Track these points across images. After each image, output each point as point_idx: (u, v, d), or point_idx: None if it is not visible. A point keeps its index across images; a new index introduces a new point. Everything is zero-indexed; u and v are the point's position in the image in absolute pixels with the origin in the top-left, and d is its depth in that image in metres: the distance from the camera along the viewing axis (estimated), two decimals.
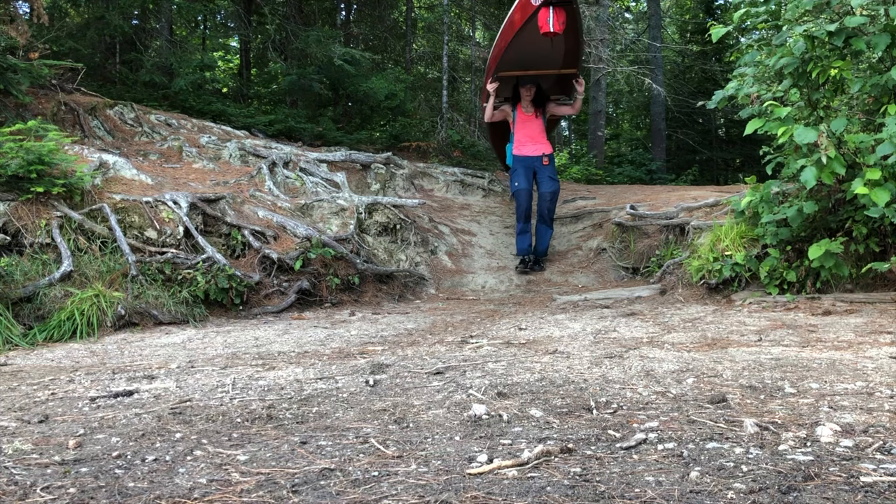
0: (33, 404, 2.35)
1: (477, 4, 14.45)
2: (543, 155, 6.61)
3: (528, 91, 6.67)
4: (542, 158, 6.60)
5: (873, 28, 4.05)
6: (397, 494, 1.46)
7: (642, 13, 21.93)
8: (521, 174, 6.60)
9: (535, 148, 6.64)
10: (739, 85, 4.68)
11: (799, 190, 4.41)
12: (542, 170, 6.60)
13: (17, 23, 6.47)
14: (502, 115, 6.90)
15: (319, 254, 5.36)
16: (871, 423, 1.86)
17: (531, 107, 6.73)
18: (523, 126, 6.73)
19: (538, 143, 6.65)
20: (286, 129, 9.97)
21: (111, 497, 1.47)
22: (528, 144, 6.66)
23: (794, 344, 3.10)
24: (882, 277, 4.26)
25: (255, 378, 2.67)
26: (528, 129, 6.71)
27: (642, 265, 6.47)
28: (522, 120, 6.73)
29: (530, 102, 6.71)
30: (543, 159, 6.60)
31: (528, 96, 6.69)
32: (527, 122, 6.74)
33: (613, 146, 20.83)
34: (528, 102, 6.71)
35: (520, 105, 6.76)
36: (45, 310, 4.02)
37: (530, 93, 6.68)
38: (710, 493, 1.42)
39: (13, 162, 4.47)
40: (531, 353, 3.05)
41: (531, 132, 6.70)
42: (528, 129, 6.71)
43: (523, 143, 6.67)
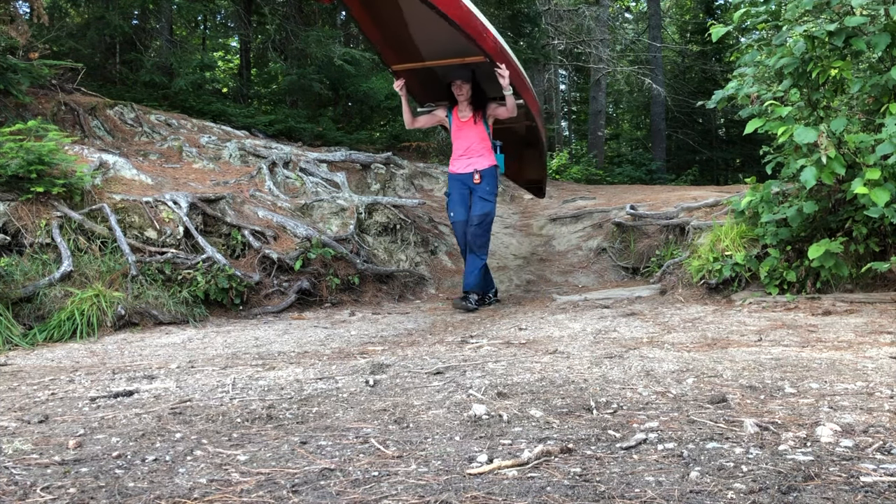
0: (33, 404, 2.35)
1: (477, 4, 14.44)
2: (475, 172, 5.33)
3: (460, 89, 5.36)
4: (474, 176, 5.33)
5: (873, 28, 4.05)
6: (397, 494, 1.46)
7: (642, 13, 21.93)
8: (455, 199, 5.41)
9: (468, 163, 5.38)
10: (739, 85, 4.68)
11: (799, 190, 4.41)
12: (474, 189, 5.37)
13: (17, 23, 6.47)
14: (434, 121, 5.70)
15: (319, 254, 5.36)
16: (871, 423, 1.86)
17: (468, 109, 5.42)
18: (458, 134, 5.47)
19: (472, 155, 5.40)
20: (286, 129, 9.97)
21: (111, 497, 1.47)
22: (461, 158, 5.43)
23: (794, 344, 3.10)
24: (882, 277, 4.26)
25: (255, 378, 2.67)
26: (463, 139, 5.45)
27: (642, 265, 6.47)
28: (458, 127, 5.47)
29: (467, 104, 5.41)
30: (475, 176, 5.33)
31: (462, 96, 5.39)
32: (462, 130, 5.45)
33: (613, 146, 20.84)
34: (464, 104, 5.42)
35: (456, 108, 5.50)
36: (45, 310, 4.02)
37: (462, 91, 5.36)
38: (710, 493, 1.42)
39: (13, 162, 4.47)
40: (531, 353, 3.05)
41: (467, 142, 5.43)
42: (464, 139, 5.44)
43: (456, 156, 5.46)
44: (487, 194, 5.38)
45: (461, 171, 5.42)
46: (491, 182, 5.40)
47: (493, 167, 5.42)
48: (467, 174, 5.38)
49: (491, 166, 5.40)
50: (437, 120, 5.69)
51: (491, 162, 5.41)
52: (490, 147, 5.45)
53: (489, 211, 5.37)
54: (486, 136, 5.44)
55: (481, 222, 5.35)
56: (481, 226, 5.35)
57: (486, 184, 5.36)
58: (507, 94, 5.17)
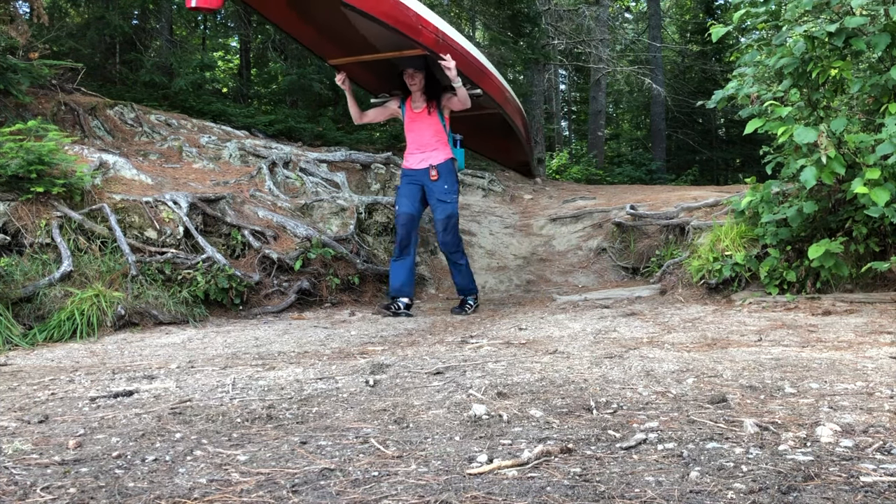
0: (33, 404, 2.35)
1: (477, 4, 14.45)
2: (430, 168, 4.92)
3: (412, 78, 4.97)
4: (430, 172, 4.93)
5: (873, 28, 4.05)
6: (397, 494, 1.46)
7: (642, 13, 21.94)
8: (403, 193, 5.05)
9: (423, 158, 5.00)
10: (739, 85, 4.69)
11: (799, 190, 4.41)
12: (430, 188, 4.97)
13: (17, 23, 6.47)
14: (386, 114, 5.31)
15: (319, 254, 5.36)
16: (871, 423, 1.86)
17: (421, 100, 5.03)
18: (411, 127, 5.10)
19: (427, 149, 5.00)
20: (286, 129, 9.97)
21: (111, 497, 1.47)
22: (414, 153, 5.07)
23: (794, 344, 3.10)
24: (882, 277, 4.26)
25: (255, 378, 2.67)
26: (416, 132, 5.08)
27: (642, 265, 6.47)
28: (410, 119, 5.09)
29: (420, 94, 5.02)
30: (431, 173, 4.92)
31: (414, 86, 4.99)
32: (415, 122, 5.07)
33: (613, 146, 20.84)
34: (417, 95, 5.03)
35: (409, 100, 5.11)
36: (45, 310, 4.02)
37: (415, 81, 4.97)
38: (710, 493, 1.42)
39: (13, 162, 4.47)
40: (531, 353, 3.05)
41: (420, 136, 5.04)
42: (417, 132, 5.07)
43: (410, 151, 5.11)
44: (446, 194, 4.95)
45: (415, 167, 5.04)
46: (449, 179, 4.98)
47: (450, 161, 5.02)
48: (422, 170, 5.00)
49: (447, 160, 5.00)
50: (390, 112, 5.30)
51: (447, 156, 5.01)
52: (446, 140, 5.06)
53: (452, 213, 4.97)
54: (441, 128, 5.04)
55: (446, 227, 4.95)
56: (448, 231, 4.95)
57: (443, 181, 4.94)
58: (455, 87, 4.80)
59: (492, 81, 5.18)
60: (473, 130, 6.19)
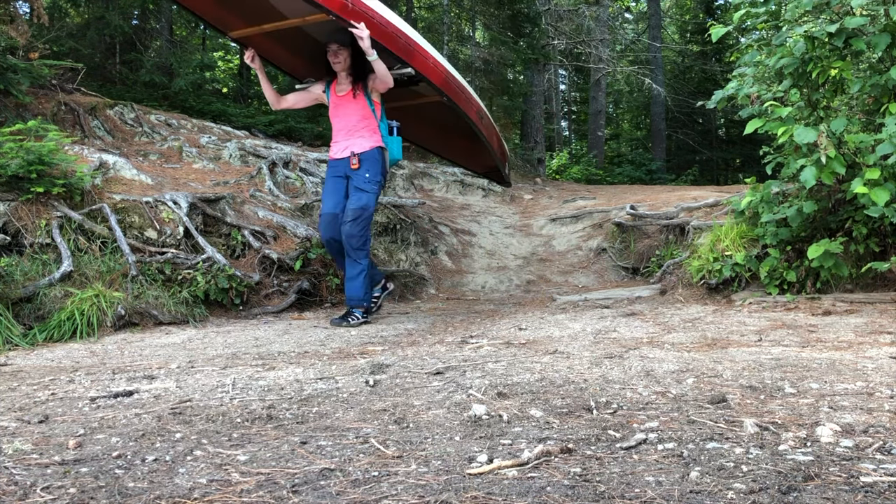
0: (33, 404, 2.35)
1: (477, 4, 14.46)
2: (352, 155, 4.45)
3: (335, 56, 4.47)
4: (351, 160, 4.45)
5: (873, 28, 4.05)
6: (397, 494, 1.46)
7: (642, 13, 21.94)
8: (327, 190, 4.56)
9: (346, 145, 4.51)
10: (739, 85, 4.69)
11: (799, 190, 4.41)
12: (351, 175, 4.49)
13: (17, 23, 6.47)
14: (309, 99, 4.78)
15: (319, 254, 5.36)
16: (871, 423, 1.86)
17: (347, 81, 4.54)
18: (336, 112, 4.58)
19: (351, 135, 4.51)
20: (286, 129, 9.98)
21: (111, 497, 1.47)
22: (339, 141, 4.57)
23: (794, 344, 3.10)
24: (882, 277, 4.26)
25: (255, 378, 2.67)
26: (341, 117, 4.56)
27: (642, 265, 6.48)
28: (335, 103, 4.58)
29: (346, 75, 4.53)
30: (352, 161, 4.44)
31: (338, 65, 4.48)
32: (340, 107, 4.56)
33: (613, 146, 20.85)
34: (342, 76, 4.54)
35: (335, 82, 4.61)
36: (45, 310, 4.02)
37: (339, 59, 4.47)
38: (710, 493, 1.42)
39: (13, 162, 4.47)
40: (531, 354, 3.05)
41: (345, 122, 4.54)
42: (342, 117, 4.55)
43: (335, 138, 4.61)
44: (365, 183, 4.43)
45: (338, 157, 4.55)
46: (372, 168, 4.45)
47: (377, 150, 4.50)
48: (344, 159, 4.49)
49: (374, 149, 4.48)
50: (313, 97, 4.76)
51: (374, 143, 4.49)
52: (375, 126, 4.54)
53: (366, 204, 4.40)
54: (369, 113, 4.53)
55: (356, 218, 4.38)
56: (356, 222, 4.38)
57: (364, 170, 4.44)
58: (370, 60, 4.23)
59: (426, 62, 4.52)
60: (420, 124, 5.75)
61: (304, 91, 4.77)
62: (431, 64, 4.56)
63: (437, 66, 4.62)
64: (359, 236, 4.41)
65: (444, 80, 4.69)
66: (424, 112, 5.52)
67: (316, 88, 4.73)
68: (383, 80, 4.37)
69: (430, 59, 4.56)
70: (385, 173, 4.60)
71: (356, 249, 4.43)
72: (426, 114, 5.57)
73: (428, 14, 15.71)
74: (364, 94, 4.52)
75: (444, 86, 4.67)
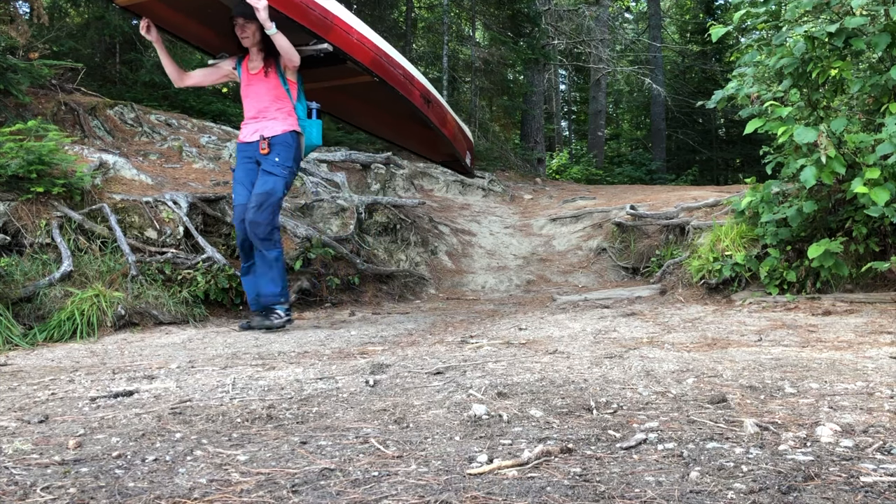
0: (33, 404, 2.35)
1: (477, 4, 14.46)
2: (262, 139, 4.11)
3: (243, 30, 4.13)
4: (260, 144, 4.11)
5: (873, 28, 4.05)
6: (397, 494, 1.46)
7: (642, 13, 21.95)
8: (238, 179, 4.20)
9: (257, 128, 4.18)
10: (739, 85, 4.69)
11: (799, 190, 4.41)
12: (261, 160, 4.15)
13: (17, 23, 6.47)
14: (217, 76, 4.39)
15: (319, 254, 5.36)
16: (871, 423, 1.86)
17: (259, 58, 4.20)
18: (246, 91, 4.25)
19: (263, 118, 4.17)
20: None
21: (111, 497, 1.47)
22: (249, 123, 4.24)
23: (794, 344, 3.10)
24: (882, 277, 4.26)
25: (255, 378, 2.67)
26: (252, 97, 4.23)
27: (642, 265, 6.48)
28: (246, 81, 4.26)
29: (258, 52, 4.19)
30: (261, 145, 4.10)
31: (247, 39, 4.14)
32: (251, 86, 4.23)
33: (613, 146, 20.86)
34: (254, 52, 4.21)
35: (247, 58, 4.27)
36: (45, 310, 4.02)
37: (247, 33, 4.12)
38: (710, 493, 1.42)
39: (13, 162, 4.47)
40: (531, 353, 3.05)
41: (257, 102, 4.20)
42: (253, 97, 4.22)
43: (245, 120, 4.28)
44: (274, 166, 4.08)
45: (247, 140, 4.21)
46: (283, 153, 4.11)
47: (291, 134, 4.17)
48: (254, 143, 4.16)
49: (287, 132, 4.14)
50: (223, 74, 4.38)
51: (288, 127, 4.16)
52: (289, 108, 4.20)
53: (272, 188, 4.04)
54: (283, 93, 4.18)
55: (261, 204, 4.01)
56: (261, 209, 4.01)
57: (275, 153, 4.10)
58: (269, 34, 3.89)
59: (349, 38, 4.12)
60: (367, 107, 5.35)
61: (213, 68, 4.37)
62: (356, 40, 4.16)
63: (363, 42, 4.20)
64: (265, 224, 4.01)
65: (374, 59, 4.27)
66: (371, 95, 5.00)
67: (226, 64, 4.35)
68: (288, 56, 4.01)
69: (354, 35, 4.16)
70: (299, 159, 4.25)
71: (263, 240, 4.04)
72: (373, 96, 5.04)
73: (428, 14, 15.72)
74: (277, 73, 4.16)
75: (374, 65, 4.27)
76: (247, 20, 4.06)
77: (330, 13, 4.00)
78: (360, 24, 4.29)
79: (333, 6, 4.06)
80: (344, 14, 4.13)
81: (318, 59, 4.24)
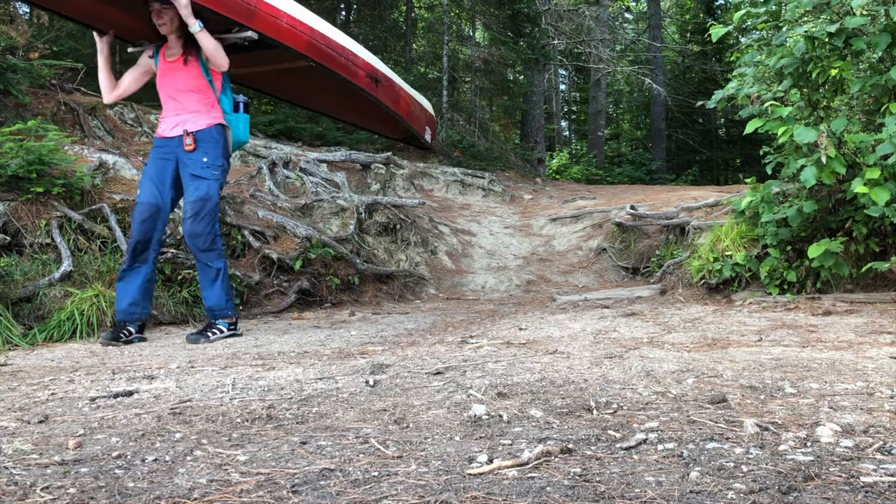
0: (33, 404, 2.35)
1: (477, 4, 14.46)
2: (185, 134, 3.77)
3: (160, 17, 3.78)
4: (184, 139, 3.76)
5: (873, 28, 4.05)
6: (397, 494, 1.46)
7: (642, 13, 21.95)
8: (148, 174, 3.84)
9: (178, 122, 3.82)
10: (739, 85, 4.69)
11: (799, 190, 4.41)
12: (184, 161, 3.79)
13: (17, 23, 6.47)
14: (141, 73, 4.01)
15: (319, 254, 5.36)
16: (872, 423, 1.86)
17: (177, 45, 3.84)
18: (163, 81, 3.89)
19: (185, 110, 3.82)
20: (286, 129, 9.97)
21: (111, 497, 1.47)
22: (168, 116, 3.88)
23: (795, 344, 3.10)
24: (882, 277, 4.26)
25: (255, 378, 2.67)
26: (170, 89, 3.86)
27: (642, 265, 6.48)
28: (163, 70, 3.89)
29: (176, 39, 3.83)
30: (185, 141, 3.75)
31: (164, 26, 3.79)
32: (168, 76, 3.87)
33: (613, 146, 20.87)
34: (172, 39, 3.84)
35: (164, 47, 3.91)
36: (45, 310, 4.02)
37: (164, 20, 3.78)
38: (710, 494, 1.42)
39: (13, 162, 4.47)
40: (531, 354, 3.05)
41: (175, 92, 3.85)
42: (172, 89, 3.86)
43: (163, 113, 3.92)
44: (203, 168, 3.75)
45: (167, 134, 3.85)
46: (211, 150, 3.78)
47: (217, 128, 3.84)
48: (175, 139, 3.80)
49: (212, 126, 3.82)
50: (144, 71, 3.98)
51: (213, 120, 3.83)
52: (213, 100, 3.86)
53: (206, 193, 3.75)
54: (205, 84, 3.83)
55: (197, 213, 3.72)
56: (199, 218, 3.72)
57: (202, 152, 3.75)
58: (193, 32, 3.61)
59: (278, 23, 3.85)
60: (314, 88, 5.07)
61: (137, 66, 3.97)
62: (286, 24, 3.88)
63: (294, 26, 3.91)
64: (205, 235, 3.74)
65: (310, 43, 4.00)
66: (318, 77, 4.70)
67: (143, 58, 3.97)
68: (212, 55, 3.71)
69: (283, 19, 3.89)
70: (228, 156, 3.92)
71: (205, 251, 3.77)
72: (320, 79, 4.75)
73: (428, 14, 15.72)
74: (198, 61, 3.80)
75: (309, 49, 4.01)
76: (163, 5, 3.73)
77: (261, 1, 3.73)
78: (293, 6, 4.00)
79: None
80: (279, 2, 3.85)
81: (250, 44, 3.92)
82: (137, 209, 3.80)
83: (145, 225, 3.77)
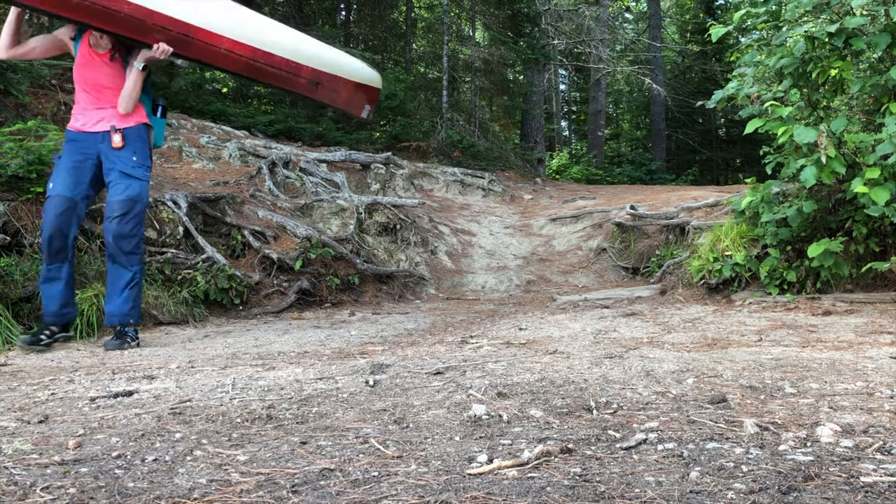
0: (33, 404, 2.35)
1: (477, 4, 14.45)
2: (114, 130, 3.59)
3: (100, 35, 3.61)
4: (111, 136, 3.59)
5: (873, 28, 4.05)
6: (397, 494, 1.46)
7: (642, 13, 21.95)
8: (63, 167, 3.59)
9: (101, 116, 3.63)
10: (739, 85, 4.69)
11: (799, 190, 4.41)
12: (111, 159, 3.60)
13: None
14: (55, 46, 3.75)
15: (319, 254, 5.36)
16: (871, 423, 1.86)
17: (108, 40, 3.62)
18: (84, 72, 3.66)
19: (108, 104, 3.64)
20: (286, 129, 9.97)
21: (111, 497, 1.47)
22: (90, 110, 3.65)
23: (795, 344, 3.10)
24: (882, 277, 4.26)
25: (255, 378, 2.67)
26: (90, 80, 3.65)
27: (642, 265, 6.47)
28: (86, 59, 3.65)
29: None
30: (113, 138, 3.58)
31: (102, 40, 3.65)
32: (91, 66, 3.64)
33: (613, 146, 20.87)
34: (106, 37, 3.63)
35: (87, 35, 3.65)
36: None
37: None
38: (710, 494, 1.42)
39: (13, 162, 4.46)
40: (531, 354, 3.05)
41: (97, 85, 3.64)
42: (92, 80, 3.65)
43: (84, 106, 3.67)
44: (134, 167, 3.59)
45: (88, 129, 3.62)
46: (141, 149, 3.64)
47: (144, 127, 3.70)
48: (98, 134, 3.60)
49: (140, 125, 3.67)
50: (59, 45, 3.75)
51: (140, 118, 3.68)
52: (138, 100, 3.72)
53: (138, 194, 3.59)
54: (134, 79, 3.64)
55: (126, 213, 3.55)
56: (127, 219, 3.56)
57: (131, 151, 3.59)
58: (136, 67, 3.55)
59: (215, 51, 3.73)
60: None
61: (51, 37, 3.75)
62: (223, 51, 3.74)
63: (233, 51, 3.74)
64: (130, 237, 3.57)
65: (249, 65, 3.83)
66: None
67: (64, 34, 3.72)
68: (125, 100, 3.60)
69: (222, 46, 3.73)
70: (151, 157, 3.79)
71: (128, 254, 3.58)
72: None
73: (428, 14, 15.71)
74: (123, 61, 3.66)
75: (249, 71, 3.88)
76: None
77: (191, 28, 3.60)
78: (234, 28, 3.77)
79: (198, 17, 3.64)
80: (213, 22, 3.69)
81: None
82: (51, 202, 3.53)
83: (61, 219, 3.51)
